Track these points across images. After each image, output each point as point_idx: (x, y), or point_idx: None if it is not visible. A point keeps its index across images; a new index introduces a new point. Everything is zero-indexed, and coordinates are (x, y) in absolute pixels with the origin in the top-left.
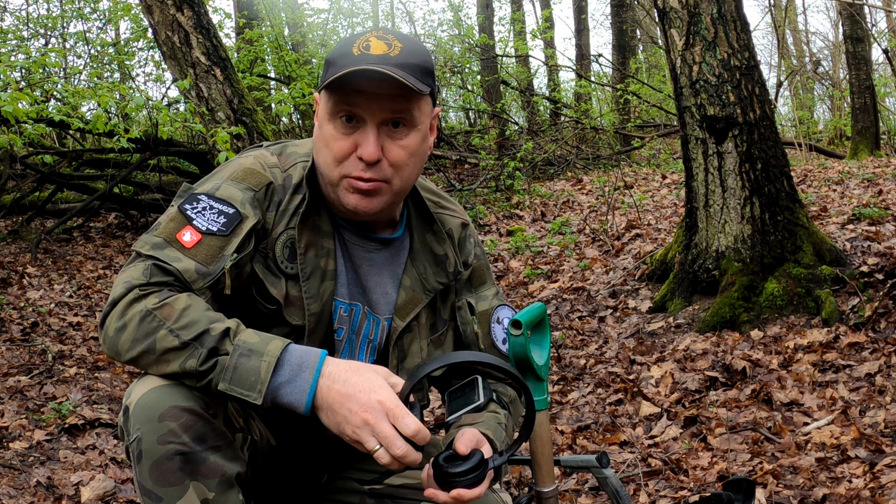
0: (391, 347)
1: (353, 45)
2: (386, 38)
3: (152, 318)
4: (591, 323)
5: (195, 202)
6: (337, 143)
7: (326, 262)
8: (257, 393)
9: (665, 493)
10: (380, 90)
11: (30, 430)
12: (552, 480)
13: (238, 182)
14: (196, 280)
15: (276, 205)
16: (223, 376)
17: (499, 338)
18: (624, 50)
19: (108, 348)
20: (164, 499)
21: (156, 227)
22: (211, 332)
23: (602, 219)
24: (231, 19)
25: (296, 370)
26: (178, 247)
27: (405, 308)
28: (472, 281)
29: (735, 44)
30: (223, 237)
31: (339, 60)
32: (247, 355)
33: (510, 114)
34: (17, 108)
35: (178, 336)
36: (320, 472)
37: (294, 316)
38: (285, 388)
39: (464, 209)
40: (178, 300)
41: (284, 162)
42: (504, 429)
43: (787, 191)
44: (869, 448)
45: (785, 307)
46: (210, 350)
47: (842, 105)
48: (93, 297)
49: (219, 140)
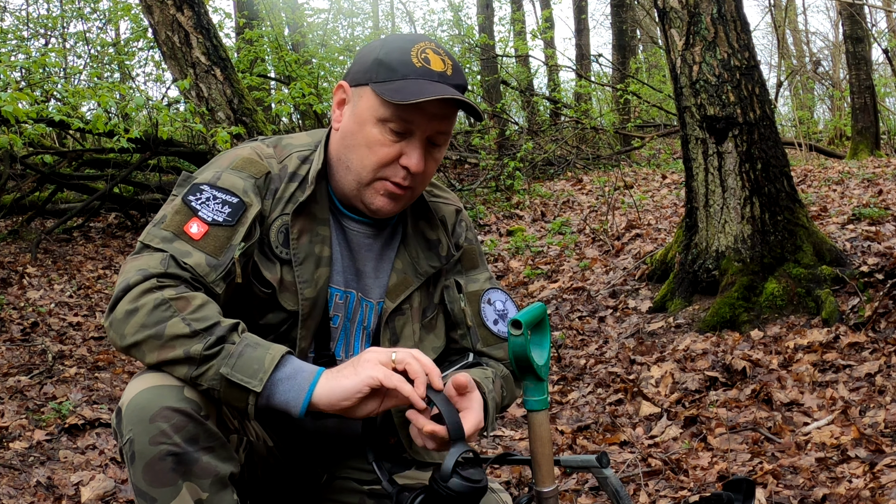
0: (382, 328)
1: (411, 53)
2: (439, 52)
3: (167, 306)
4: (591, 323)
5: (199, 192)
6: (383, 149)
7: (321, 248)
8: (258, 381)
9: (665, 493)
10: (437, 110)
11: (30, 430)
12: (552, 480)
13: (239, 171)
14: (208, 273)
15: (273, 192)
16: (227, 361)
17: (489, 318)
18: (624, 50)
19: (114, 331)
20: (157, 499)
21: (161, 219)
22: (221, 323)
23: (602, 219)
24: (231, 19)
25: (297, 369)
26: (187, 239)
27: (396, 290)
28: (463, 263)
29: (735, 44)
30: (230, 227)
31: (399, 68)
32: (253, 347)
33: (510, 114)
34: (17, 108)
35: (189, 325)
36: (319, 473)
37: (288, 301)
38: (284, 384)
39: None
40: (195, 296)
41: (280, 153)
42: (492, 382)
43: (787, 191)
44: (869, 448)
45: (785, 307)
46: (219, 337)
47: (842, 105)
48: (93, 297)
49: (219, 140)
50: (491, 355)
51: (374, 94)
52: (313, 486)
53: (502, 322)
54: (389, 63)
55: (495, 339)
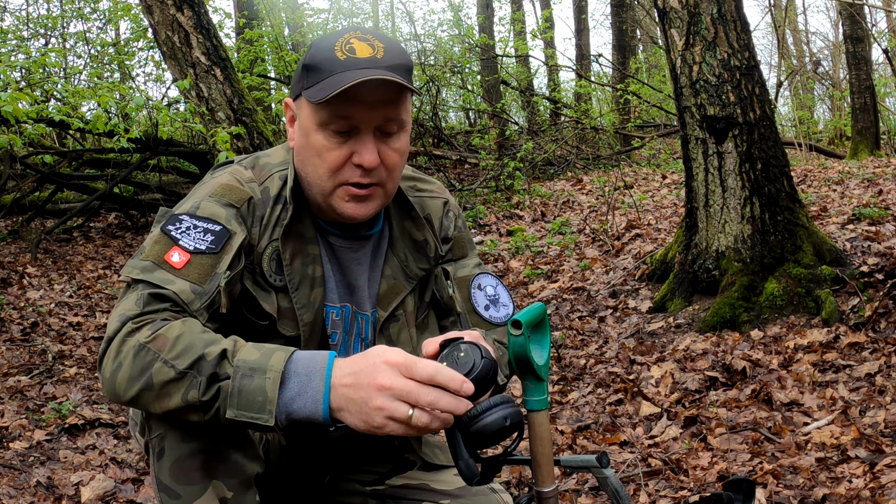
0: (376, 337)
1: (335, 48)
2: (366, 38)
3: (146, 351)
4: (591, 323)
5: (177, 223)
6: (331, 153)
7: (314, 268)
8: (267, 414)
9: (665, 493)
10: (375, 97)
11: (30, 430)
12: (552, 480)
13: (218, 198)
14: (193, 301)
15: (259, 219)
16: (229, 402)
17: (480, 304)
18: (624, 50)
19: (108, 391)
20: (182, 496)
21: (141, 251)
22: (207, 357)
23: (602, 219)
24: (231, 19)
25: (304, 380)
26: (168, 268)
27: (387, 297)
28: (453, 252)
29: (735, 44)
30: (213, 255)
31: (324, 66)
32: (249, 375)
33: (510, 114)
34: (17, 108)
35: (173, 366)
36: (322, 474)
37: (288, 327)
38: (297, 401)
39: (443, 186)
40: (170, 328)
41: (260, 175)
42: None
43: (787, 191)
44: (869, 448)
45: (785, 307)
46: (209, 377)
47: (842, 105)
48: (93, 297)
49: (219, 140)
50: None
51: (306, 101)
52: (317, 487)
53: (493, 307)
54: (316, 65)
55: (487, 325)
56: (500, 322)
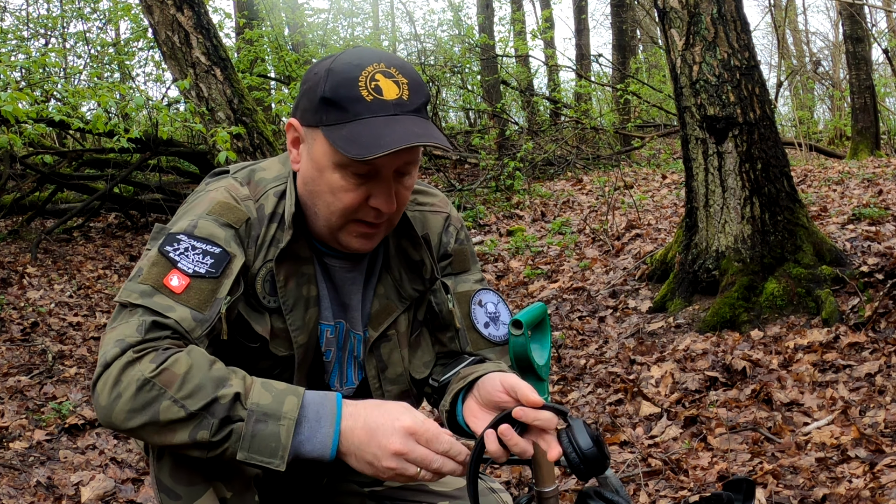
0: (366, 357)
1: (359, 85)
2: (391, 73)
3: (151, 386)
4: (591, 323)
5: (175, 243)
6: (348, 194)
7: (308, 288)
8: (279, 459)
9: (665, 493)
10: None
11: (30, 430)
12: (552, 480)
13: (217, 218)
14: (194, 328)
15: (255, 239)
16: (241, 445)
17: (480, 321)
18: (624, 50)
19: (103, 417)
20: (182, 497)
21: (138, 273)
22: (220, 400)
23: (602, 219)
24: (231, 19)
25: (315, 425)
26: (168, 293)
27: (378, 317)
28: (453, 266)
29: (735, 44)
30: (213, 279)
31: (348, 106)
32: (263, 421)
33: (510, 114)
34: (17, 108)
35: (183, 406)
36: (321, 475)
37: (281, 348)
38: (307, 445)
39: (446, 198)
40: (177, 363)
41: (255, 191)
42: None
43: (787, 191)
44: (869, 448)
45: (785, 307)
46: (222, 420)
47: (842, 105)
48: (93, 297)
49: (219, 140)
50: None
51: (327, 140)
52: (315, 488)
53: (493, 325)
54: (339, 101)
55: (486, 343)
56: (498, 341)
